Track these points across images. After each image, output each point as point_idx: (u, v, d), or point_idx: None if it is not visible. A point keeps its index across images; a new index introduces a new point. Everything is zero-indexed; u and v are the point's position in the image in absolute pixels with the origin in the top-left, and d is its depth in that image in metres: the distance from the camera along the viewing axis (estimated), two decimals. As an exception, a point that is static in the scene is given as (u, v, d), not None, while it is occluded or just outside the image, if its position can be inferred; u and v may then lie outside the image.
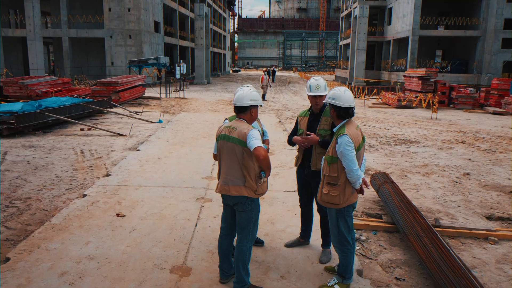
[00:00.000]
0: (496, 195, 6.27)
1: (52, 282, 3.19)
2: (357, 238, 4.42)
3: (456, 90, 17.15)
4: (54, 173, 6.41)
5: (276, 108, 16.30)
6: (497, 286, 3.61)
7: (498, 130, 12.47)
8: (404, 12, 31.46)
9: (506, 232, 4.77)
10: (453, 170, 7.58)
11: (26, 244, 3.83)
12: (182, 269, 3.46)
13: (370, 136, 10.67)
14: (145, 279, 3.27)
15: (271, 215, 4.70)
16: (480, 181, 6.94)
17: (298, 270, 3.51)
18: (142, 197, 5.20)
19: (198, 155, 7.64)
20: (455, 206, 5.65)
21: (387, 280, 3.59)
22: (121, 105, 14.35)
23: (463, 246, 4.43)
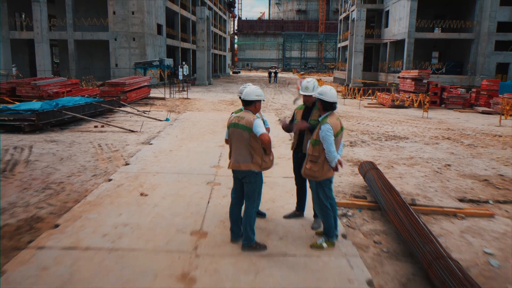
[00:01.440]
0: (471, 182, 7.07)
1: (97, 241, 4.00)
2: (345, 214, 5.23)
3: (447, 90, 17.99)
4: (79, 163, 7.21)
5: (276, 107, 17.12)
6: (457, 249, 4.41)
7: (484, 128, 13.29)
8: (400, 16, 32.33)
9: (473, 210, 5.58)
10: (435, 162, 8.39)
11: (69, 215, 4.64)
12: (199, 233, 4.27)
13: (363, 132, 11.49)
14: (170, 240, 4.08)
15: (272, 196, 5.50)
16: (458, 171, 7.74)
17: (294, 234, 4.32)
18: (160, 181, 6.01)
19: (205, 148, 8.46)
20: (432, 190, 6.46)
21: (367, 243, 4.40)
22: (129, 105, 15.15)
23: (434, 220, 5.24)
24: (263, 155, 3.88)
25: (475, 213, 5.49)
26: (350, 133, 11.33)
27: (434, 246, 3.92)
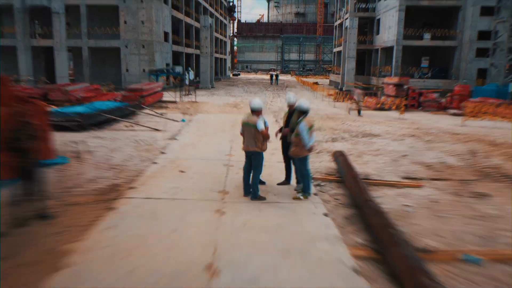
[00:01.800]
0: (418, 167, 9.58)
1: (162, 195, 6.50)
2: (318, 184, 7.73)
3: (424, 95, 20.53)
4: (126, 153, 9.71)
5: (274, 110, 19.63)
6: (388, 203, 6.90)
7: (449, 127, 15.80)
8: (390, 24, 34.88)
9: (408, 183, 8.09)
10: (396, 153, 10.89)
11: (137, 183, 7.14)
12: (223, 191, 6.78)
13: (345, 131, 14.00)
14: (206, 195, 6.59)
15: (270, 173, 8.00)
16: (411, 160, 10.25)
17: (283, 193, 6.84)
18: (190, 164, 8.51)
19: (219, 142, 10.97)
20: (386, 172, 8.96)
21: (329, 199, 6.91)
22: (148, 107, 17.66)
23: (379, 189, 7.74)
24: (262, 142, 6.39)
25: (409, 184, 8.00)
26: (334, 132, 13.83)
27: (373, 202, 6.42)
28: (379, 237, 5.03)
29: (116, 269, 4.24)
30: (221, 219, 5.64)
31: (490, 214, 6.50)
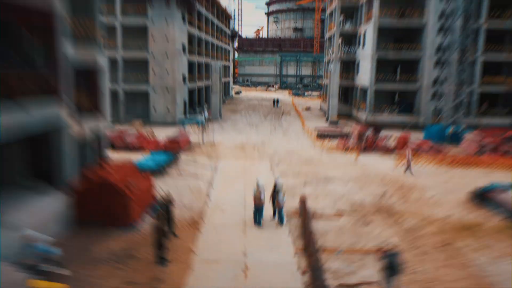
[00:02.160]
0: (347, 204, 17.71)
1: (216, 222, 14.69)
2: (288, 218, 15.91)
3: (379, 140, 28.74)
4: (188, 197, 17.82)
5: (269, 153, 27.82)
6: (319, 228, 15.06)
7: (384, 171, 23.89)
8: (365, 70, 43.23)
9: (334, 214, 16.27)
10: (338, 194, 19.04)
11: (204, 216, 15.33)
12: (244, 221, 14.99)
13: (314, 175, 22.14)
14: (235, 222, 14.79)
15: (266, 213, 16.19)
16: (346, 199, 18.40)
17: (271, 223, 15.06)
18: (225, 205, 16.64)
19: (237, 189, 19.11)
20: (327, 208, 17.12)
21: (292, 227, 15.09)
22: (182, 152, 25.83)
23: (318, 219, 15.90)
24: (263, 202, 14.59)
25: (334, 215, 16.17)
26: (307, 176, 21.97)
27: (307, 225, 14.61)
28: (306, 242, 13.19)
29: (210, 244, 12.40)
30: (244, 233, 13.84)
31: (368, 232, 14.65)
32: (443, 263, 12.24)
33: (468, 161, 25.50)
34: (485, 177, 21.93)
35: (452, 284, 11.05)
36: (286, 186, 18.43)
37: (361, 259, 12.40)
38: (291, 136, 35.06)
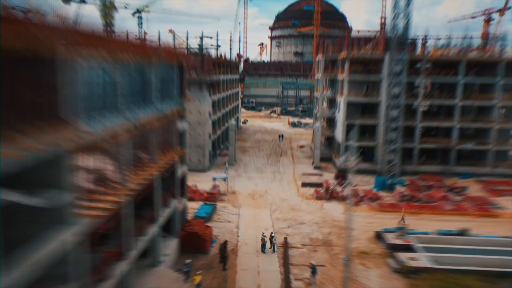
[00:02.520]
0: (307, 239, 34.79)
1: (244, 251, 31.93)
2: (278, 248, 33.09)
3: (339, 192, 45.74)
4: (227, 236, 34.94)
5: (269, 201, 44.93)
6: (291, 254, 32.16)
7: (337, 216, 40.88)
8: (339, 129, 60.35)
9: (299, 246, 33.40)
10: (304, 233, 36.15)
11: (239, 247, 32.54)
12: (257, 250, 32.22)
13: (295, 220, 39.21)
14: (253, 251, 32.02)
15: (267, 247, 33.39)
16: (308, 236, 35.50)
17: (268, 252, 32.35)
18: (247, 240, 33.79)
19: (253, 229, 36.25)
20: (296, 241, 34.22)
21: (279, 254, 32.29)
22: (216, 200, 42.95)
23: (292, 249, 33.02)
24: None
25: (299, 247, 33.26)
26: (291, 221, 39.07)
27: (285, 254, 31.85)
28: (284, 261, 30.27)
29: (242, 261, 29.54)
30: (257, 256, 31.03)
31: (314, 256, 31.72)
32: (341, 268, 29.33)
33: (389, 208, 42.59)
34: (393, 220, 38.88)
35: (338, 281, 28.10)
36: (278, 227, 35.64)
37: (306, 269, 29.57)
38: (284, 185, 52.16)
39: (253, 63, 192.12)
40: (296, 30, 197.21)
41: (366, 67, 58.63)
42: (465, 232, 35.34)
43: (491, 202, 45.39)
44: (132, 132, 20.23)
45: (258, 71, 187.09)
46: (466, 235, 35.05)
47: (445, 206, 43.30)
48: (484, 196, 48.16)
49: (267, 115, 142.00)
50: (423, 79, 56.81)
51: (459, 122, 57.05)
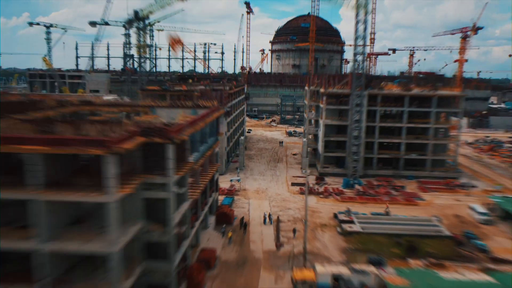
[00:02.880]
0: (292, 218, 57.15)
1: (254, 221, 54.46)
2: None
3: (317, 188, 67.99)
4: (242, 210, 57.31)
5: (269, 195, 67.30)
6: (282, 227, 54.56)
7: (314, 205, 63.16)
8: (320, 144, 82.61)
9: (288, 222, 55.77)
10: (290, 215, 58.48)
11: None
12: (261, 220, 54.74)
13: (287, 208, 61.56)
14: (259, 222, 54.53)
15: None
16: (292, 216, 57.86)
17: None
18: (254, 212, 56.20)
19: (259, 210, 58.62)
20: (285, 219, 56.56)
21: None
22: (234, 194, 65.34)
23: (281, 223, 55.39)
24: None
25: (286, 222, 55.60)
26: (282, 207, 61.47)
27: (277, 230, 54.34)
28: (276, 229, 52.60)
29: (252, 227, 51.94)
30: (261, 226, 53.46)
31: (295, 226, 54.10)
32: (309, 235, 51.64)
33: (347, 200, 64.93)
34: (348, 207, 61.10)
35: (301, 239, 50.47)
36: (273, 211, 58.08)
37: (290, 233, 51.97)
38: (279, 184, 74.55)
39: (255, 74, 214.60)
40: (294, 45, 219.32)
41: (338, 99, 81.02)
42: (387, 213, 57.80)
43: (417, 196, 67.82)
44: (202, 159, 42.76)
45: (260, 82, 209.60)
46: (387, 215, 57.48)
47: (385, 198, 65.73)
48: (415, 192, 70.52)
49: (267, 124, 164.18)
50: (379, 108, 79.06)
51: (405, 139, 79.34)
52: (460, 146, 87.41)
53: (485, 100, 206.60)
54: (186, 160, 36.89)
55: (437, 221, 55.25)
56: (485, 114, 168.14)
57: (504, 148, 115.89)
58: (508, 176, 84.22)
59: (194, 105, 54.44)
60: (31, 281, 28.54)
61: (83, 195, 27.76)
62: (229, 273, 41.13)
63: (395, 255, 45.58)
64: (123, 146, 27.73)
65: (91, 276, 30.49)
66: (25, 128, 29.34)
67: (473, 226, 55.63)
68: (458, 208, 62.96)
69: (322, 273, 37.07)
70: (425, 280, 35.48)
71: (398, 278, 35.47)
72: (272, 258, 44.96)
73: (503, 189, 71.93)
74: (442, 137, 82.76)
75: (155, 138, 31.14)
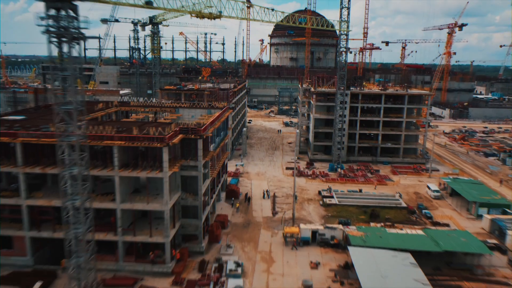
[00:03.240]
0: (285, 194, 72.73)
1: (256, 192, 70.09)
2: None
3: (307, 171, 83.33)
4: (246, 188, 72.83)
5: (268, 177, 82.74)
6: (278, 201, 70.18)
7: (302, 184, 78.68)
8: (311, 134, 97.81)
9: (282, 197, 71.37)
10: (284, 192, 74.04)
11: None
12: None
13: (283, 187, 77.12)
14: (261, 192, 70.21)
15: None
16: (285, 193, 73.44)
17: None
18: (256, 189, 71.78)
19: (260, 188, 74.15)
20: (279, 195, 72.14)
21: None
22: (239, 176, 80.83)
23: (277, 198, 70.99)
24: None
25: (280, 197, 71.17)
26: (277, 186, 77.01)
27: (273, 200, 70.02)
28: (272, 202, 68.24)
29: (255, 201, 67.54)
30: (261, 200, 69.08)
31: (287, 200, 69.70)
32: (297, 206, 67.16)
33: (330, 181, 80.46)
34: (330, 185, 76.62)
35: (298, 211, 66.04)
36: (271, 189, 73.65)
37: (283, 206, 67.64)
38: (276, 168, 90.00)
39: (255, 67, 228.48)
40: (292, 39, 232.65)
41: (326, 97, 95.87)
42: (360, 190, 73.46)
43: (388, 177, 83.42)
44: (218, 149, 58.04)
45: (259, 74, 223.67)
46: (360, 191, 73.15)
47: (360, 179, 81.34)
48: (386, 174, 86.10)
49: (266, 114, 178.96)
50: (360, 104, 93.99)
51: (382, 130, 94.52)
52: (428, 137, 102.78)
53: (469, 91, 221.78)
54: (208, 149, 52.00)
55: (399, 196, 70.91)
56: (466, 106, 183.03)
57: (475, 137, 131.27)
58: (469, 162, 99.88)
59: (208, 105, 69.50)
60: (112, 229, 44.08)
61: (147, 173, 42.99)
62: (238, 231, 56.79)
63: (361, 220, 61.26)
64: (172, 141, 42.95)
65: (147, 227, 45.89)
66: (107, 128, 44.24)
67: (427, 201, 71.33)
68: (419, 187, 78.66)
69: (304, 229, 52.70)
70: (375, 232, 51.16)
71: (356, 232, 51.14)
72: (269, 221, 60.57)
73: (459, 173, 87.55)
74: (413, 129, 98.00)
75: (190, 135, 46.30)
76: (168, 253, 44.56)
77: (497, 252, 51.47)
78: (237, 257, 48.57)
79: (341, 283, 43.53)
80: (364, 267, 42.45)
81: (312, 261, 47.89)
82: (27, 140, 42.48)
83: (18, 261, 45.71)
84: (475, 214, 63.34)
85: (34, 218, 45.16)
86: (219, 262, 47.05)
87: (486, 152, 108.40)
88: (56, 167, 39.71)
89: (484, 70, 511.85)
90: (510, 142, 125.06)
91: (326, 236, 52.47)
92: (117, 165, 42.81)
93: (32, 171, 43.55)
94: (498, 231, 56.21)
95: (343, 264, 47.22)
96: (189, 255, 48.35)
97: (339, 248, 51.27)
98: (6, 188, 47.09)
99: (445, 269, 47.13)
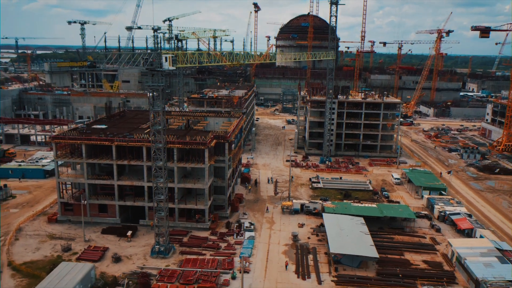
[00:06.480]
0: (285, 180, 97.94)
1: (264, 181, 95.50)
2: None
3: (302, 162, 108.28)
4: (255, 175, 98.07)
5: (272, 168, 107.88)
6: (280, 184, 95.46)
7: (298, 173, 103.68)
8: (307, 131, 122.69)
9: (283, 182, 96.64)
10: (284, 179, 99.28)
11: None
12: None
13: (283, 175, 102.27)
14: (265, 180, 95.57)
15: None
16: (285, 179, 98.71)
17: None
18: (263, 175, 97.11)
19: (266, 175, 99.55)
20: (281, 180, 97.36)
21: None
22: (250, 166, 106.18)
23: (279, 183, 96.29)
24: None
25: (281, 182, 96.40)
26: (279, 175, 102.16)
27: (275, 184, 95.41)
28: (274, 186, 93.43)
29: (262, 184, 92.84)
30: (266, 185, 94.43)
31: (285, 185, 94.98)
32: (292, 189, 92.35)
33: (319, 171, 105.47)
34: (319, 174, 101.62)
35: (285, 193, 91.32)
36: (274, 176, 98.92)
37: (282, 188, 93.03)
38: (278, 161, 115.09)
39: (262, 67, 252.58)
40: (295, 42, 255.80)
41: (319, 104, 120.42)
42: (340, 178, 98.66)
43: (364, 168, 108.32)
44: (237, 147, 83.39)
45: (266, 74, 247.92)
46: (340, 179, 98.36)
47: (343, 170, 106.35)
48: (364, 166, 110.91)
49: (272, 112, 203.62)
50: (345, 110, 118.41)
51: (363, 131, 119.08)
52: (403, 136, 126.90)
53: (457, 91, 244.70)
54: (231, 148, 77.13)
55: (369, 182, 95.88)
56: (448, 105, 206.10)
57: (448, 134, 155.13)
58: (433, 156, 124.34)
59: (228, 115, 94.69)
60: (171, 200, 69.81)
61: (195, 164, 68.45)
62: (250, 204, 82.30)
63: (338, 198, 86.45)
64: (210, 144, 68.32)
65: (193, 199, 71.33)
66: (170, 136, 69.41)
67: (389, 186, 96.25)
68: (387, 175, 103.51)
69: (296, 203, 78.12)
70: (343, 206, 76.44)
71: (330, 204, 76.47)
72: (272, 198, 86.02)
73: (421, 165, 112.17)
74: (388, 130, 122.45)
75: (220, 140, 71.61)
76: (207, 216, 70.18)
77: (426, 219, 76.44)
78: (250, 220, 74.10)
79: (316, 234, 68.95)
80: (331, 225, 67.69)
81: (300, 222, 73.32)
82: (119, 143, 67.97)
83: (111, 221, 71.59)
84: (420, 195, 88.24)
85: (121, 192, 70.94)
86: (239, 222, 72.63)
87: (451, 148, 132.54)
88: (136, 160, 65.78)
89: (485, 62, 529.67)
90: (476, 139, 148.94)
91: (310, 208, 77.77)
92: (176, 160, 68.21)
93: (121, 163, 69.19)
94: (430, 206, 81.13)
95: (319, 225, 72.57)
96: (219, 218, 73.97)
97: (318, 216, 76.54)
98: (100, 174, 72.95)
99: (386, 229, 72.31)
